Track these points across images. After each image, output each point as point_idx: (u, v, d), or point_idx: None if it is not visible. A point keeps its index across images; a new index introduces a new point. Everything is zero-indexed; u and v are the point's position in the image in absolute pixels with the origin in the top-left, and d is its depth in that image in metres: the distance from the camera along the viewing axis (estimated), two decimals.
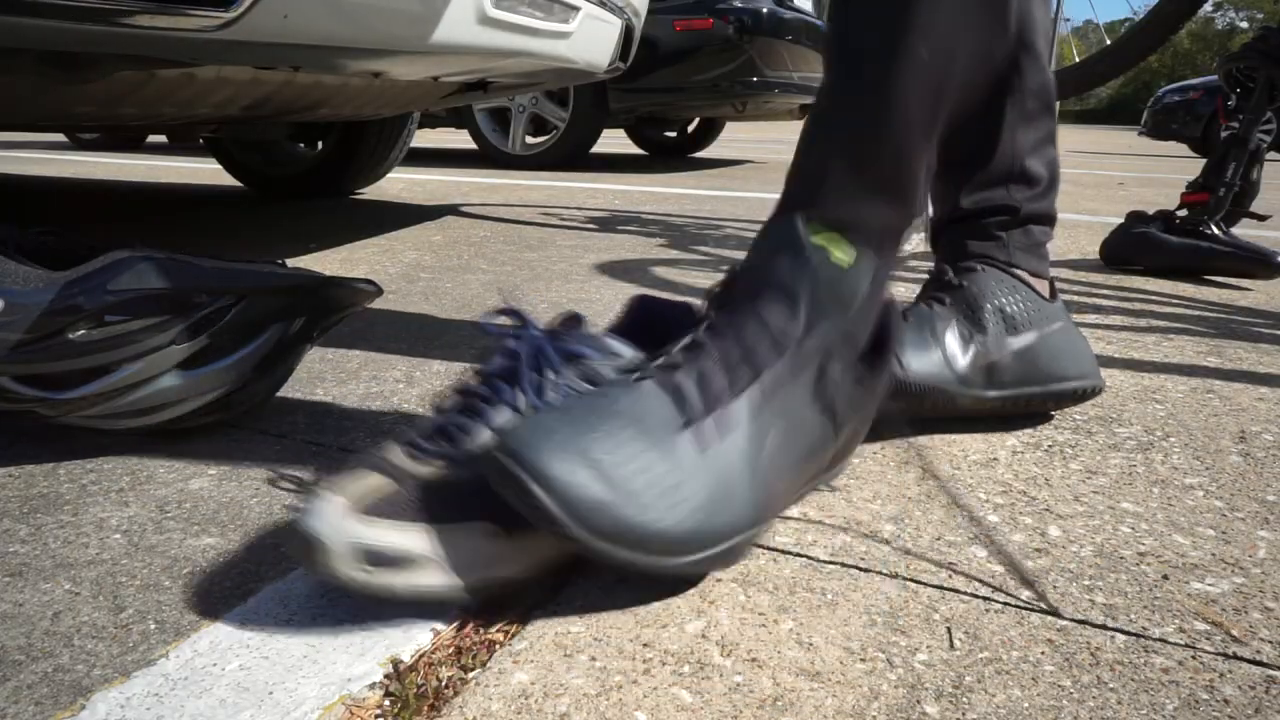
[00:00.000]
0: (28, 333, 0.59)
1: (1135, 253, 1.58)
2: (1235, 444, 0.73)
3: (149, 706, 0.39)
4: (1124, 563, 0.53)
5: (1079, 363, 0.75)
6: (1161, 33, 1.62)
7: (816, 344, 0.50)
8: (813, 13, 4.09)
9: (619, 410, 0.46)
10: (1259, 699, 0.41)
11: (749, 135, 8.82)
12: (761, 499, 0.48)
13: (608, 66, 1.60)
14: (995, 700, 0.41)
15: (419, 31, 1.02)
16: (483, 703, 0.40)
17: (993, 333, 0.72)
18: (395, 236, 1.78)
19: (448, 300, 1.21)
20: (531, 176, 3.29)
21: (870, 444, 0.71)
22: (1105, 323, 1.17)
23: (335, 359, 0.91)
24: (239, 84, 1.22)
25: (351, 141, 2.31)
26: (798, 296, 0.50)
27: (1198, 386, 0.89)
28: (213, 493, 0.60)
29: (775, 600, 0.48)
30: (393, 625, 0.45)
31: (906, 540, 0.55)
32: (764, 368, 0.49)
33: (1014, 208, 0.76)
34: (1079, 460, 0.69)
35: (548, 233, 1.88)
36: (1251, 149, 1.56)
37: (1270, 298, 1.39)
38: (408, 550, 0.44)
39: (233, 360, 0.65)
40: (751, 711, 0.40)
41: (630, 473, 0.45)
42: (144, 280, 0.61)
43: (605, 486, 0.44)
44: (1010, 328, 0.73)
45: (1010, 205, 0.76)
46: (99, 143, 4.63)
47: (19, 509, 0.57)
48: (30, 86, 1.03)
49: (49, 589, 0.48)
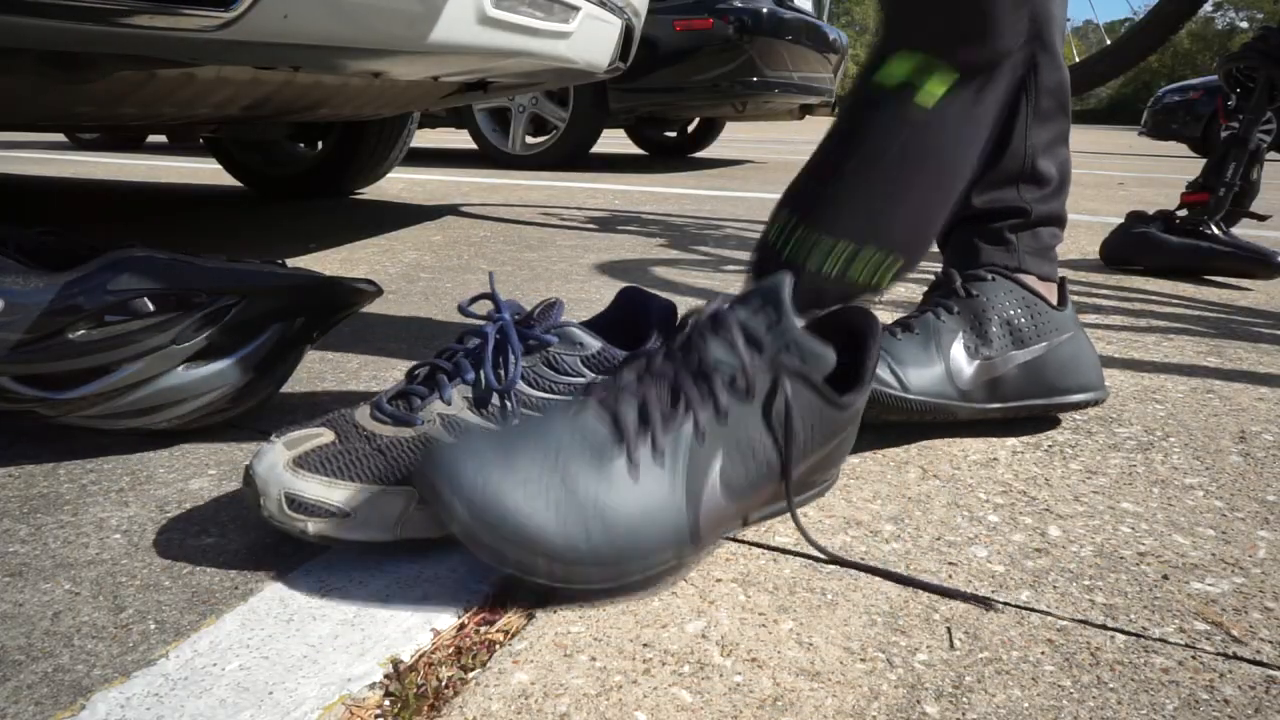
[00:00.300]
0: (28, 333, 0.59)
1: (1135, 253, 1.58)
2: (1235, 444, 0.73)
3: (149, 706, 0.39)
4: (1124, 563, 0.53)
5: (1084, 374, 0.74)
6: (1161, 33, 1.62)
7: (767, 372, 0.50)
8: (812, 13, 4.09)
9: (552, 433, 0.48)
10: (1259, 699, 0.41)
11: (749, 135, 8.82)
12: (694, 525, 0.48)
13: (608, 66, 1.60)
14: (995, 700, 0.41)
15: (419, 31, 1.02)
16: (483, 703, 0.40)
17: (998, 346, 0.72)
18: (395, 236, 1.78)
19: (448, 300, 1.21)
20: (531, 176, 3.29)
21: (870, 444, 0.71)
22: (1105, 323, 1.17)
23: (335, 359, 0.91)
24: (239, 84, 1.22)
25: (351, 141, 2.31)
26: (751, 332, 0.51)
27: (1198, 386, 0.89)
28: (213, 493, 0.60)
29: (775, 600, 0.48)
30: (392, 625, 0.45)
31: (906, 540, 0.55)
32: (709, 396, 0.49)
33: (1025, 210, 0.75)
34: (1079, 460, 0.69)
35: (548, 233, 1.88)
36: (1251, 149, 1.56)
37: (1270, 298, 1.39)
38: (327, 501, 0.50)
39: (233, 360, 0.65)
40: (751, 711, 0.40)
41: (551, 490, 0.45)
42: (144, 280, 0.61)
43: (522, 502, 0.44)
44: (1017, 341, 0.72)
45: (1021, 207, 0.75)
46: (99, 143, 4.62)
47: (19, 509, 0.57)
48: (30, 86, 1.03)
49: (49, 589, 0.48)
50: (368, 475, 0.51)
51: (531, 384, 0.55)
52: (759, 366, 0.50)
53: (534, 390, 0.55)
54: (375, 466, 0.51)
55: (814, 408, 0.51)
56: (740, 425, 0.49)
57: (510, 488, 0.45)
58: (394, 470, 0.52)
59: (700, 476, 0.48)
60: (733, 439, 0.49)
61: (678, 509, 0.47)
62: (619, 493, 0.46)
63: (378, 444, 0.52)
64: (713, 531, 0.50)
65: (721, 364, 0.49)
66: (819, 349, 0.51)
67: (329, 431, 0.53)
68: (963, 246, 0.78)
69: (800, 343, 0.50)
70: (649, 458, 0.47)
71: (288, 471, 0.50)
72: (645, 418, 0.48)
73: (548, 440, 0.47)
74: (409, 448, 0.52)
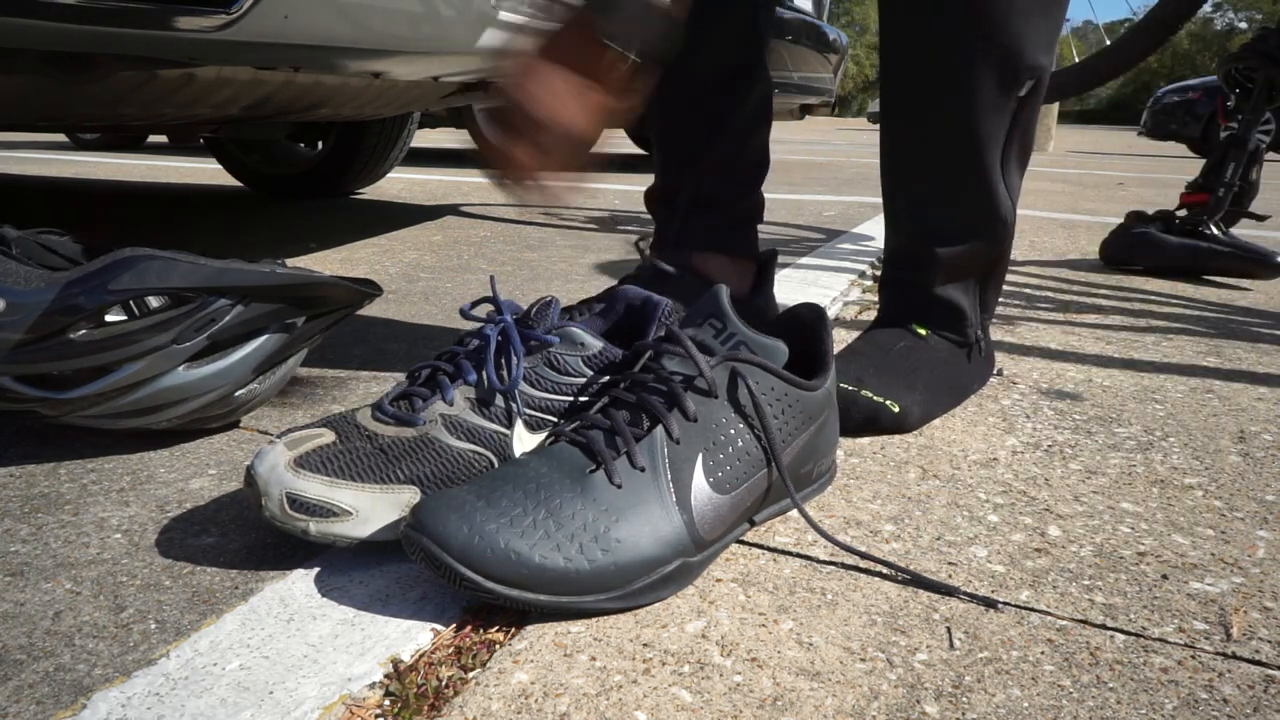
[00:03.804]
0: (29, 332, 0.59)
1: (1135, 253, 1.58)
2: (1235, 444, 0.73)
3: (149, 706, 0.39)
4: (1124, 563, 0.53)
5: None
6: (1161, 33, 1.62)
7: (725, 368, 0.51)
8: (812, 13, 4.09)
9: (526, 472, 0.48)
10: (1258, 699, 0.41)
11: None
12: (691, 525, 0.48)
13: None
14: (995, 700, 0.41)
15: (419, 31, 1.02)
16: (483, 702, 0.40)
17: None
18: (395, 236, 1.78)
19: (448, 300, 1.21)
20: None
21: (870, 444, 0.71)
22: (1105, 323, 1.17)
23: (335, 359, 0.91)
24: (239, 84, 1.22)
25: (351, 141, 2.31)
26: (702, 342, 0.52)
27: (1197, 386, 0.89)
28: (213, 493, 0.60)
29: (775, 600, 0.48)
30: (392, 625, 0.45)
31: (907, 540, 0.55)
32: (675, 406, 0.50)
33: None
34: (1079, 460, 0.69)
35: (548, 233, 1.88)
36: (1251, 149, 1.56)
37: (1270, 298, 1.39)
38: (328, 501, 0.50)
39: (233, 360, 0.65)
40: (751, 711, 0.40)
41: (535, 522, 0.45)
42: (144, 280, 0.61)
43: (508, 537, 0.45)
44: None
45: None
46: (99, 143, 4.62)
47: (20, 509, 0.57)
48: (30, 86, 1.03)
49: (50, 589, 0.48)
50: (369, 475, 0.51)
51: (533, 384, 0.56)
52: (716, 366, 0.51)
53: (536, 390, 0.55)
54: (376, 466, 0.51)
55: (780, 391, 0.53)
56: (712, 421, 0.50)
57: (499, 530, 0.45)
58: (395, 470, 0.52)
59: (685, 475, 0.49)
60: (708, 435, 0.50)
61: (669, 508, 0.48)
62: (605, 504, 0.47)
63: (379, 444, 0.53)
64: (714, 532, 0.50)
65: (680, 375, 0.51)
66: (769, 341, 0.53)
67: (330, 431, 0.53)
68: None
69: (750, 340, 0.53)
70: (628, 468, 0.48)
71: (289, 471, 0.50)
72: (616, 440, 0.49)
73: (525, 477, 0.48)
74: (410, 448, 0.52)
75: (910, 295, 0.81)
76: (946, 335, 0.80)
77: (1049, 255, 1.75)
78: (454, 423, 0.54)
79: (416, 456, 0.52)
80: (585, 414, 0.52)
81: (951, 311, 0.80)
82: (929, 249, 0.77)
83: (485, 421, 0.54)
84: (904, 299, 0.82)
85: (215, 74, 1.15)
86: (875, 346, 0.79)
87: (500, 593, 0.44)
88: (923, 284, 0.79)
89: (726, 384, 0.51)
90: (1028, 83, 0.72)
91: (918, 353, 0.78)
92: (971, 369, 0.81)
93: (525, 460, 0.49)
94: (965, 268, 0.79)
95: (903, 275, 0.82)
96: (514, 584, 0.44)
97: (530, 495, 0.47)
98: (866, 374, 0.74)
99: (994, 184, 0.75)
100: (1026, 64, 0.71)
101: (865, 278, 1.43)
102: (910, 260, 0.80)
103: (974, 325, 0.81)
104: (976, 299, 0.81)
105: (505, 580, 0.44)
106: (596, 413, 0.51)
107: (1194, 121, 7.15)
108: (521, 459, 0.50)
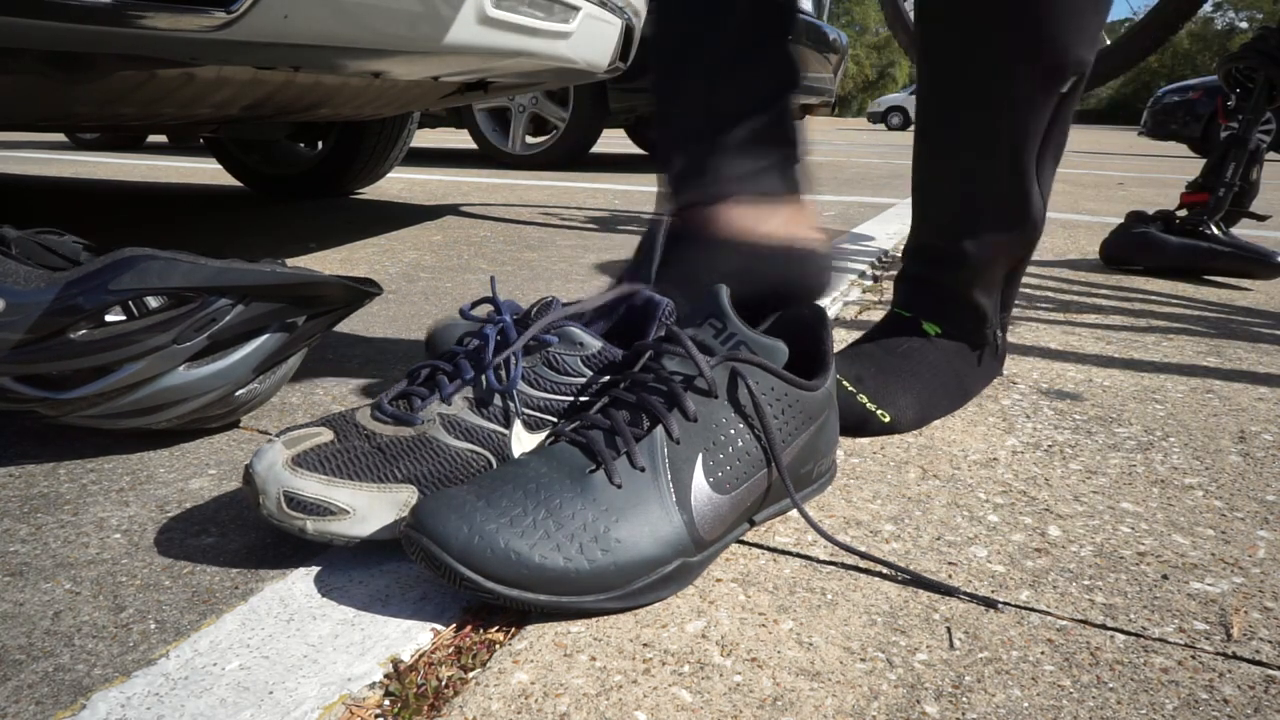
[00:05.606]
0: (29, 333, 0.59)
1: (1135, 253, 1.58)
2: (1235, 444, 0.73)
3: (149, 706, 0.39)
4: (1124, 563, 0.53)
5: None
6: (1161, 33, 1.62)
7: (725, 368, 0.51)
8: (812, 13, 4.09)
9: (526, 472, 0.48)
10: (1258, 699, 0.41)
11: None
12: (690, 525, 0.48)
13: (608, 66, 1.60)
14: (995, 700, 0.41)
15: (419, 31, 1.02)
16: (483, 702, 0.40)
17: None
18: (395, 236, 1.78)
19: (448, 300, 1.21)
20: (531, 176, 3.29)
21: (870, 444, 0.71)
22: (1105, 323, 1.17)
23: (335, 359, 0.91)
24: (239, 84, 1.22)
25: (351, 141, 2.31)
26: (702, 342, 0.53)
27: (1198, 386, 0.89)
28: (213, 493, 0.60)
29: (775, 600, 0.48)
30: (392, 625, 0.45)
31: (907, 540, 0.55)
32: (675, 406, 0.50)
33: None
34: (1079, 460, 0.69)
35: (548, 233, 1.88)
36: (1251, 149, 1.56)
37: (1270, 298, 1.39)
38: (326, 500, 0.50)
39: (233, 360, 0.65)
40: (751, 711, 0.40)
41: (535, 522, 0.45)
42: (144, 280, 0.61)
43: (508, 537, 0.44)
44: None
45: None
46: (99, 143, 4.62)
47: (19, 509, 0.57)
48: (30, 86, 1.03)
49: (49, 589, 0.48)
50: (366, 474, 0.51)
51: (532, 384, 0.56)
52: (716, 366, 0.51)
53: (534, 390, 0.55)
54: (374, 465, 0.51)
55: (780, 391, 0.53)
56: (712, 421, 0.50)
57: (499, 530, 0.45)
58: (393, 469, 0.52)
59: (685, 475, 0.49)
60: (708, 435, 0.50)
61: (668, 508, 0.48)
62: (605, 504, 0.47)
63: (377, 443, 0.53)
64: (714, 532, 0.50)
65: (680, 375, 0.51)
66: (769, 342, 0.53)
67: (328, 430, 0.54)
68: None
69: (750, 340, 0.53)
70: (628, 468, 0.48)
71: (287, 470, 0.50)
72: (616, 440, 0.49)
73: (524, 477, 0.48)
74: (408, 447, 0.52)
75: (929, 292, 0.80)
76: (960, 335, 0.79)
77: (1049, 255, 1.75)
78: (452, 422, 0.54)
79: (414, 456, 0.52)
80: (585, 414, 0.52)
81: (973, 313, 0.79)
82: (958, 246, 0.76)
83: (483, 421, 0.54)
84: (921, 295, 0.81)
85: (215, 74, 1.15)
86: (880, 345, 0.78)
87: (500, 593, 0.44)
88: (946, 281, 0.78)
89: (726, 384, 0.51)
90: (1071, 79, 0.70)
91: (922, 354, 0.77)
92: (980, 370, 0.81)
93: (525, 460, 0.49)
94: (993, 267, 0.77)
95: (925, 271, 0.80)
96: (514, 584, 0.44)
97: (530, 495, 0.47)
98: (867, 373, 0.74)
99: (1029, 183, 0.74)
100: (1073, 59, 0.69)
101: (865, 278, 1.43)
102: (936, 256, 0.79)
103: (993, 326, 0.80)
104: (998, 300, 0.80)
105: (505, 580, 0.44)
106: (596, 413, 0.51)
107: (1194, 121, 7.15)
108: (522, 459, 0.50)
